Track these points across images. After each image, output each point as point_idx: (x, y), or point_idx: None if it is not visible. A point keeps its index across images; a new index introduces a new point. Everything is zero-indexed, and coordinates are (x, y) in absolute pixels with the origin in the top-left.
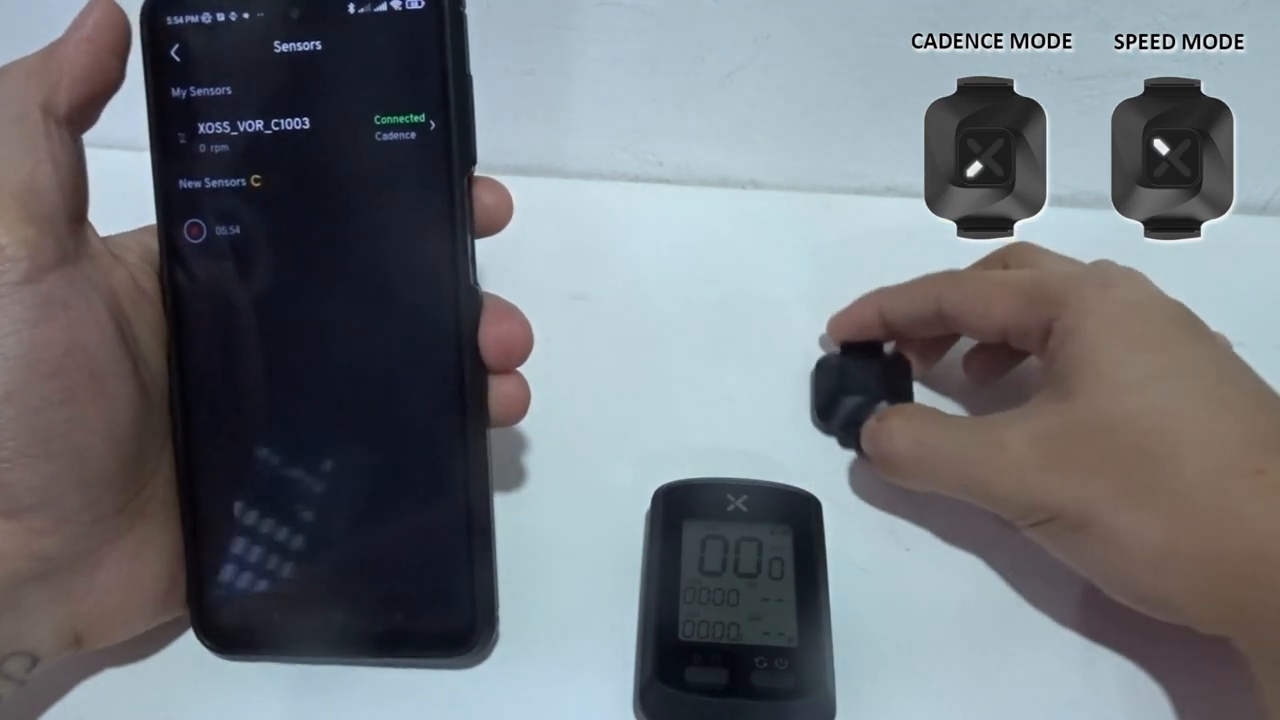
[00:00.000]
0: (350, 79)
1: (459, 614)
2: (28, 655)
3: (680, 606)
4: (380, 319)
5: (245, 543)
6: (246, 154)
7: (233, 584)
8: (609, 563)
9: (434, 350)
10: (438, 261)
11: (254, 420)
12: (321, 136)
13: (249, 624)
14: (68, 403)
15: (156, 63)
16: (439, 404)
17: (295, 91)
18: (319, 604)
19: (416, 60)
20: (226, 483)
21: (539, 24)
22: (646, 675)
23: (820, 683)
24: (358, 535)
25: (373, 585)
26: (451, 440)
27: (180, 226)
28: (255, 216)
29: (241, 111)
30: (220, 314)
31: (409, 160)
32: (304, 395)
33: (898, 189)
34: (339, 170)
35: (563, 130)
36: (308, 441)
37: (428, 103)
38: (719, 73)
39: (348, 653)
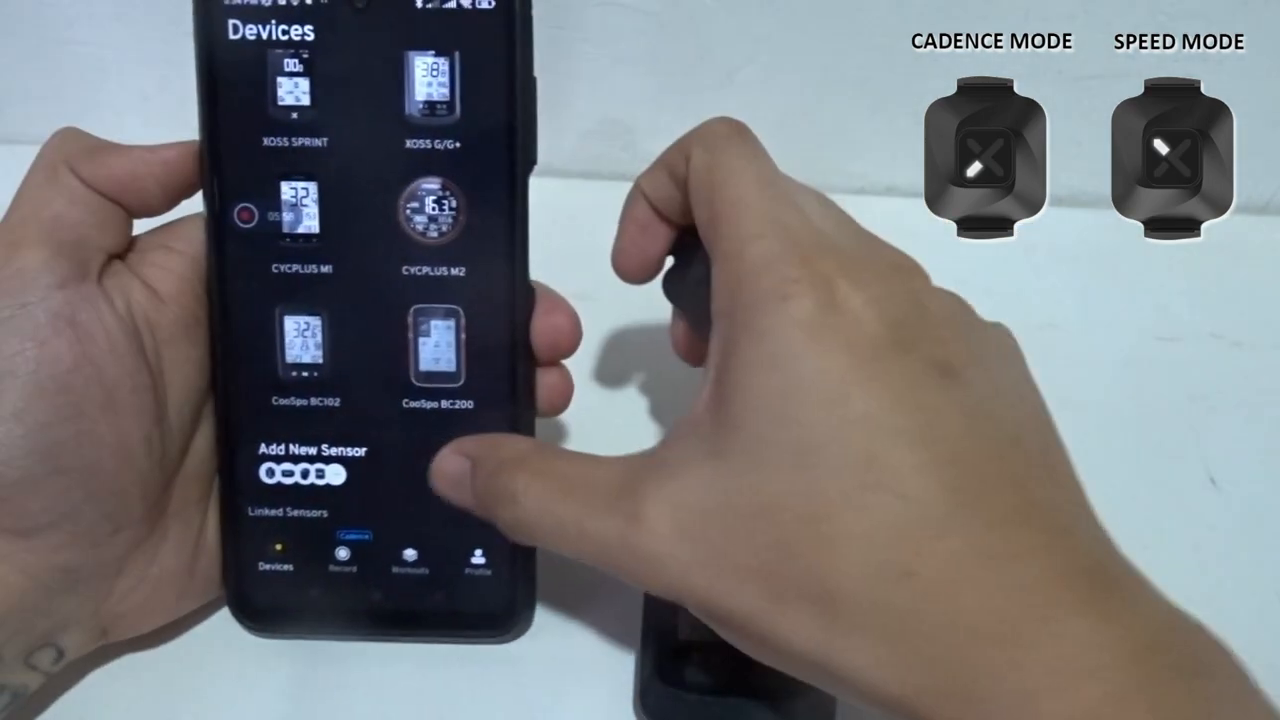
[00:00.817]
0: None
1: (500, 594)
2: (54, 648)
3: (680, 607)
4: (435, 308)
5: (286, 522)
6: (305, 144)
7: (271, 563)
8: None
9: (488, 341)
10: (496, 256)
11: (298, 400)
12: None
13: (286, 603)
14: (76, 418)
15: (212, 49)
16: (489, 393)
17: (357, 85)
18: (359, 584)
19: (485, 58)
20: (268, 461)
21: (539, 24)
22: (646, 675)
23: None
24: (403, 516)
25: (415, 565)
26: (500, 429)
27: (231, 211)
28: (309, 205)
29: (303, 113)
30: (268, 295)
31: (472, 157)
32: (353, 378)
33: (898, 189)
34: (400, 170)
35: (563, 130)
36: (354, 425)
37: (494, 101)
38: (719, 73)
39: (385, 632)
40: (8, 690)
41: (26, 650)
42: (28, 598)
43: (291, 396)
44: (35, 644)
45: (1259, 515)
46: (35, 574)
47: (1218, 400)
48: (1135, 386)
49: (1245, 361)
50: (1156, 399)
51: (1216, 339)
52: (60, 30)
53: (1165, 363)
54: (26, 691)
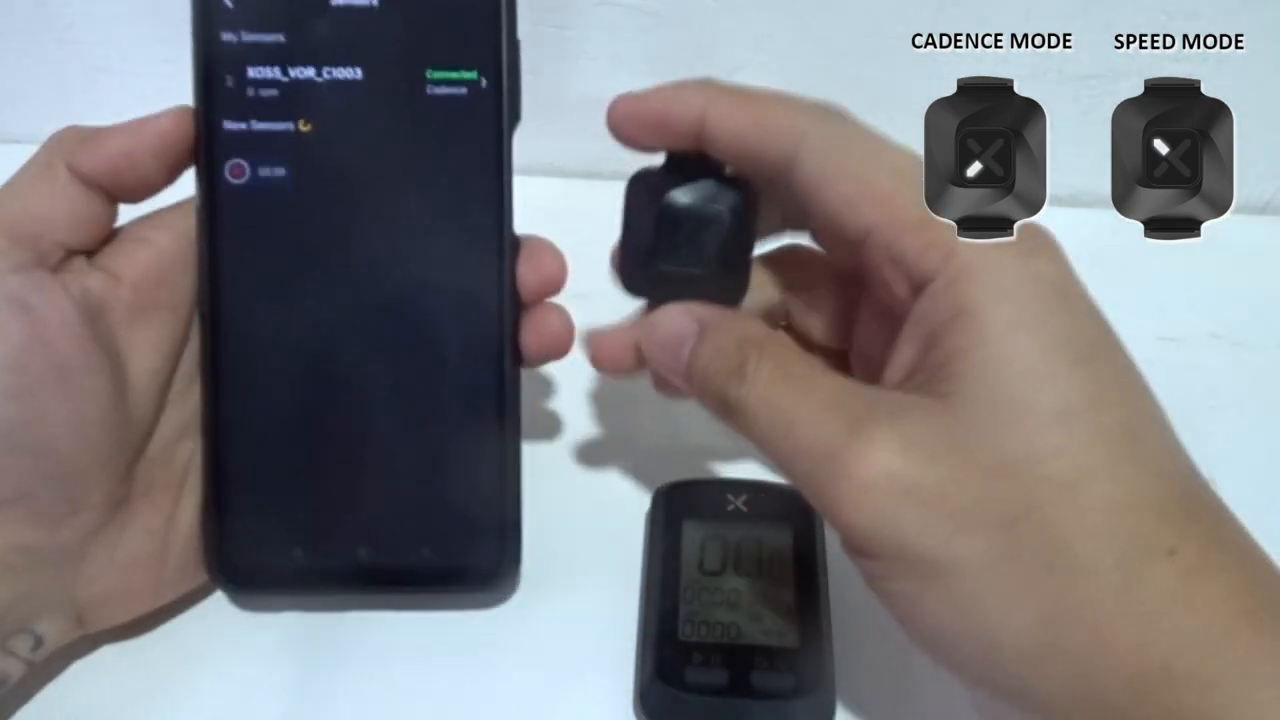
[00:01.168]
0: (404, 33)
1: (486, 550)
2: (31, 634)
3: (680, 606)
4: (421, 261)
5: (271, 476)
6: (295, 99)
7: (255, 520)
8: (609, 563)
9: (475, 293)
10: (483, 211)
11: (284, 353)
12: (372, 87)
13: (271, 561)
14: (27, 396)
15: (208, 6)
16: (477, 341)
17: (348, 42)
18: (345, 538)
19: (472, 18)
20: (252, 416)
21: (539, 24)
22: (646, 675)
23: (820, 683)
24: (387, 469)
25: (401, 519)
26: (486, 376)
27: (222, 167)
28: (301, 161)
29: (293, 58)
30: (257, 254)
31: (460, 115)
32: (338, 330)
33: None
34: (388, 121)
35: (563, 130)
36: (338, 376)
37: (481, 60)
38: (719, 73)
39: (370, 589)
40: None
41: (2, 636)
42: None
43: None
44: (11, 629)
45: (1259, 515)
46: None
47: (1218, 400)
48: None
49: (1245, 361)
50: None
51: (1216, 339)
52: (60, 30)
53: (1165, 363)
54: (10, 679)
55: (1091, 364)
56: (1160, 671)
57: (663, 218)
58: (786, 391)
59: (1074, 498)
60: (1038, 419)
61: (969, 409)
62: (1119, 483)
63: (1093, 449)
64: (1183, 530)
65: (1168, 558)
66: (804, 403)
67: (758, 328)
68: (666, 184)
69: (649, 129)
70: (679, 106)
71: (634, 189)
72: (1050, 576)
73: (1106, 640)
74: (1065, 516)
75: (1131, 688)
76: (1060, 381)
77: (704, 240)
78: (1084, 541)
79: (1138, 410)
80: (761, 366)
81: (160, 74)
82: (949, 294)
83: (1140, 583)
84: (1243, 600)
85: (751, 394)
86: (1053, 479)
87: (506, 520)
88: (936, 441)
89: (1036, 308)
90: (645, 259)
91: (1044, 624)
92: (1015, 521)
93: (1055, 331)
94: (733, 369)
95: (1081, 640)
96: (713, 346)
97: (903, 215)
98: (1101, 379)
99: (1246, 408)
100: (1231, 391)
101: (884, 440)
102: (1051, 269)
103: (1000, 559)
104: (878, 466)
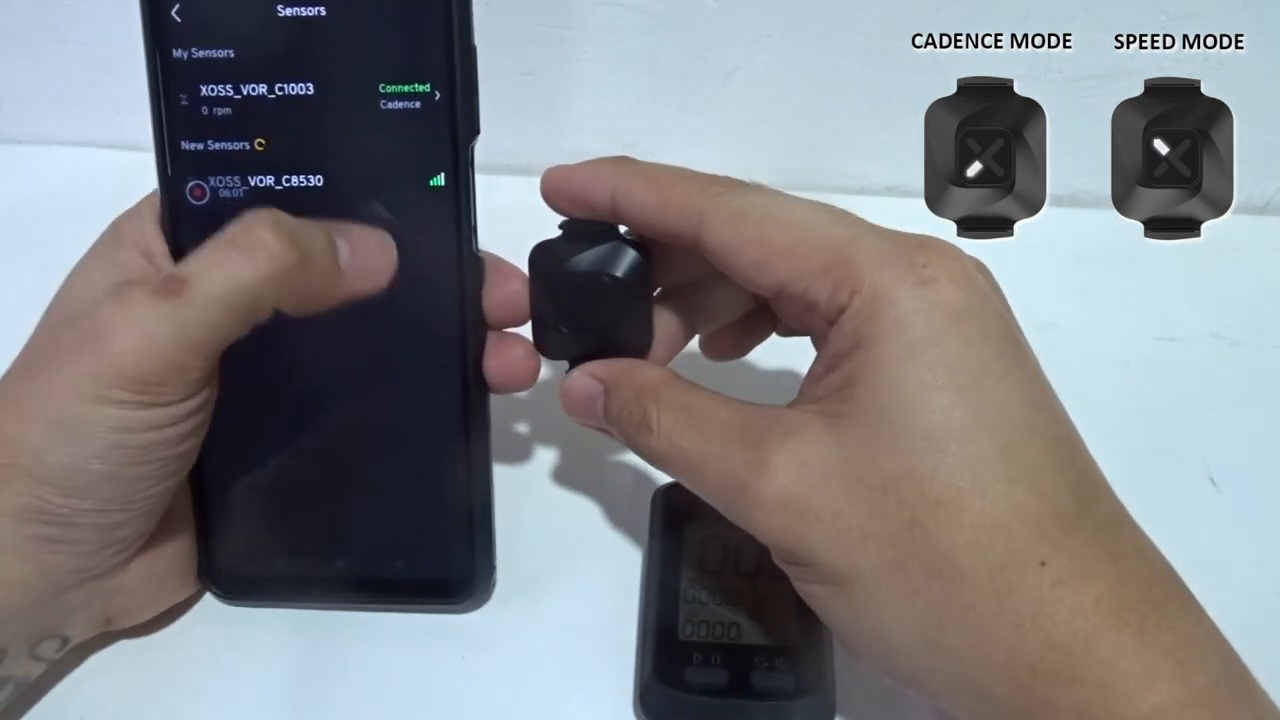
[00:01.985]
0: (355, 46)
1: (458, 561)
2: (59, 637)
3: (680, 606)
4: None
5: (251, 492)
6: (250, 117)
7: (239, 532)
8: (609, 563)
9: (437, 311)
10: (440, 227)
11: (259, 373)
12: (325, 102)
13: (254, 571)
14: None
15: (157, 23)
16: (441, 360)
17: (299, 56)
18: (322, 551)
19: (422, 30)
20: (234, 435)
21: (539, 24)
22: (646, 675)
23: (820, 683)
24: (361, 486)
25: (374, 533)
26: (451, 395)
27: (183, 189)
28: (258, 181)
29: (244, 74)
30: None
31: (413, 129)
32: (307, 349)
33: (898, 189)
34: (343, 137)
35: (563, 130)
36: (311, 395)
37: (433, 72)
38: (719, 73)
39: (349, 599)
40: (12, 681)
41: (33, 643)
42: (41, 595)
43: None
44: (41, 635)
45: (1259, 515)
46: (53, 575)
47: (1218, 400)
48: (1135, 386)
49: (1245, 361)
50: (1156, 399)
51: (1216, 339)
52: (60, 30)
53: (1165, 363)
54: (29, 680)
55: (973, 390)
56: (1028, 670)
57: (563, 285)
58: (689, 436)
59: (950, 514)
60: (917, 442)
61: (859, 431)
62: (992, 501)
63: (965, 470)
64: (1055, 543)
65: (1038, 569)
66: (708, 441)
67: (654, 375)
68: (566, 251)
69: (572, 203)
70: (594, 185)
71: (537, 259)
72: (934, 584)
73: (983, 641)
74: (944, 530)
75: (1007, 683)
76: (938, 409)
77: (606, 302)
78: (962, 553)
79: (1021, 429)
80: (662, 416)
81: None
82: (852, 325)
83: (1012, 591)
84: (1110, 605)
85: (659, 444)
86: (929, 498)
87: (477, 535)
88: (829, 463)
89: (925, 338)
90: (554, 325)
91: (930, 625)
92: (901, 535)
93: (940, 359)
94: (638, 421)
95: (962, 640)
96: (617, 402)
97: (807, 265)
98: (980, 404)
99: (1246, 408)
100: (1231, 391)
101: (783, 466)
102: (948, 294)
103: (891, 568)
104: (780, 491)
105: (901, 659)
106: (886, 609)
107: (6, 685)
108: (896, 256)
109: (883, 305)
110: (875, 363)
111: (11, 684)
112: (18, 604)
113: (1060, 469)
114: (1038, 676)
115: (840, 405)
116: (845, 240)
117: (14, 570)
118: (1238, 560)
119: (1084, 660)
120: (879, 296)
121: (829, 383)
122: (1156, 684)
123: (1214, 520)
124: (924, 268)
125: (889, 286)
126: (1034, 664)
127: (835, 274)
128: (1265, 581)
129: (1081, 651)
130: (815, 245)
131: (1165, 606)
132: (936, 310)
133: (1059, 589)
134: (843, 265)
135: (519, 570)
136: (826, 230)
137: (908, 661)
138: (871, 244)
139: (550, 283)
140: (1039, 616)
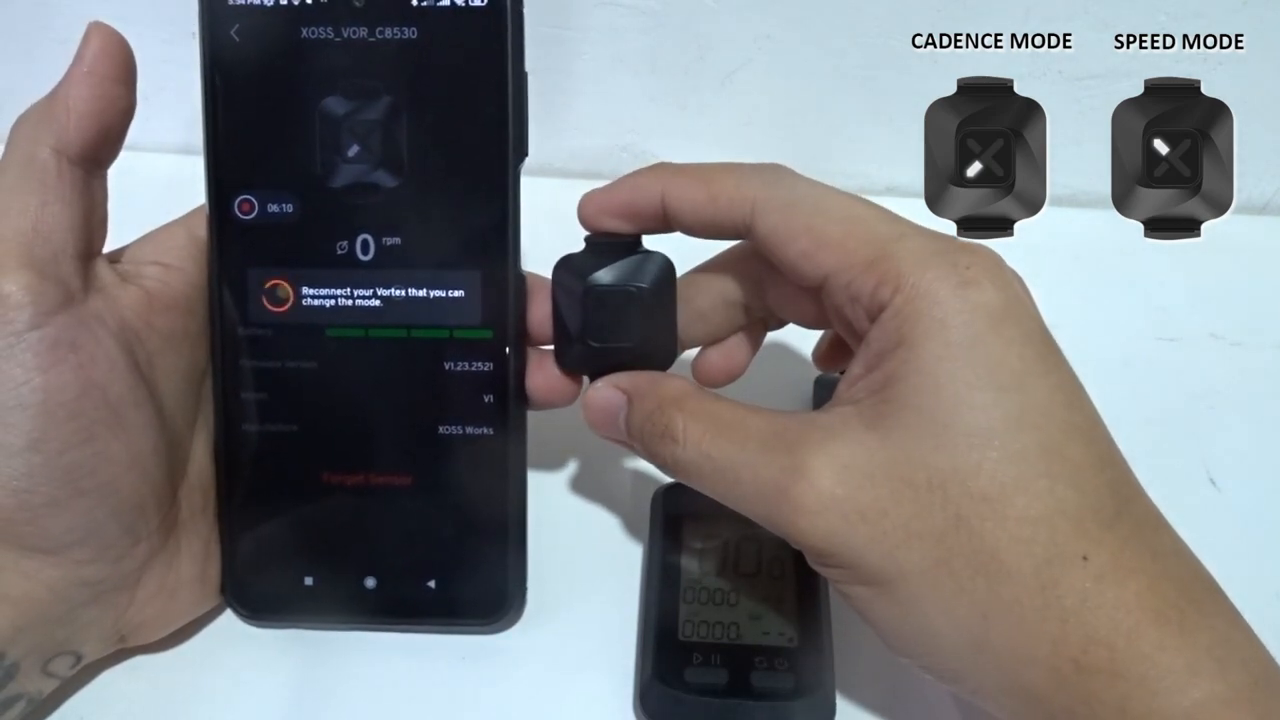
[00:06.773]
0: (411, 69)
1: (491, 584)
2: (73, 655)
3: (680, 606)
4: (429, 299)
5: (280, 510)
6: (304, 135)
7: (266, 549)
8: (609, 563)
9: (481, 331)
10: (490, 247)
11: (294, 389)
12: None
13: (280, 590)
14: (89, 441)
15: (215, 42)
16: (483, 377)
17: (355, 77)
18: (354, 570)
19: (478, 55)
20: (263, 451)
21: (539, 24)
22: (646, 675)
23: (820, 683)
24: (394, 503)
25: (406, 553)
26: (493, 412)
27: (231, 203)
28: (310, 195)
29: (299, 93)
30: (266, 289)
31: (467, 149)
32: (348, 362)
33: (898, 189)
34: (395, 154)
35: (563, 130)
36: (348, 409)
37: (488, 96)
38: (719, 73)
39: (377, 619)
40: (24, 697)
41: (46, 659)
42: (50, 610)
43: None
44: (54, 652)
45: (1259, 515)
46: (60, 589)
47: (1218, 400)
48: (1135, 386)
49: (1245, 361)
50: (1156, 399)
51: (1216, 339)
52: (60, 30)
53: (1165, 363)
54: (41, 696)
55: (1016, 390)
56: (1072, 664)
57: (588, 299)
58: (721, 443)
59: (995, 509)
60: (961, 439)
61: (902, 431)
62: (1035, 496)
63: (1009, 466)
64: (1097, 539)
65: (1081, 563)
66: (742, 449)
67: (678, 386)
68: (590, 266)
69: (620, 216)
70: (641, 195)
71: (560, 273)
72: (979, 579)
73: (1028, 636)
74: (989, 527)
75: (1050, 678)
76: (981, 407)
77: (629, 315)
78: (1007, 549)
79: (1062, 429)
80: (689, 426)
81: (160, 74)
82: (894, 324)
83: (1056, 586)
84: (1150, 600)
85: (685, 454)
86: (974, 494)
87: (510, 557)
88: (873, 463)
89: (968, 338)
90: (577, 339)
91: (975, 622)
92: (947, 533)
93: (982, 360)
94: (661, 431)
95: (1007, 635)
96: (640, 413)
97: (854, 259)
98: (1023, 403)
99: (1246, 408)
100: (1231, 391)
101: (823, 469)
102: (989, 297)
103: (936, 566)
104: (823, 494)
105: (946, 657)
106: (932, 607)
107: (18, 702)
108: (940, 257)
109: (925, 304)
110: (917, 361)
111: (24, 701)
112: (27, 619)
113: (1099, 468)
114: (1081, 671)
115: (881, 405)
116: (891, 238)
117: (17, 587)
118: (1238, 560)
119: (1126, 655)
120: (922, 295)
121: (869, 383)
122: (1198, 680)
123: (1214, 520)
124: (967, 269)
125: (932, 286)
126: (1077, 658)
127: (879, 270)
128: (1265, 581)
129: (1124, 646)
130: (862, 240)
131: (1204, 605)
132: (979, 311)
133: (1101, 583)
134: (887, 262)
135: None
136: (874, 226)
137: (953, 660)
138: (917, 244)
139: (577, 296)
140: (1083, 610)
